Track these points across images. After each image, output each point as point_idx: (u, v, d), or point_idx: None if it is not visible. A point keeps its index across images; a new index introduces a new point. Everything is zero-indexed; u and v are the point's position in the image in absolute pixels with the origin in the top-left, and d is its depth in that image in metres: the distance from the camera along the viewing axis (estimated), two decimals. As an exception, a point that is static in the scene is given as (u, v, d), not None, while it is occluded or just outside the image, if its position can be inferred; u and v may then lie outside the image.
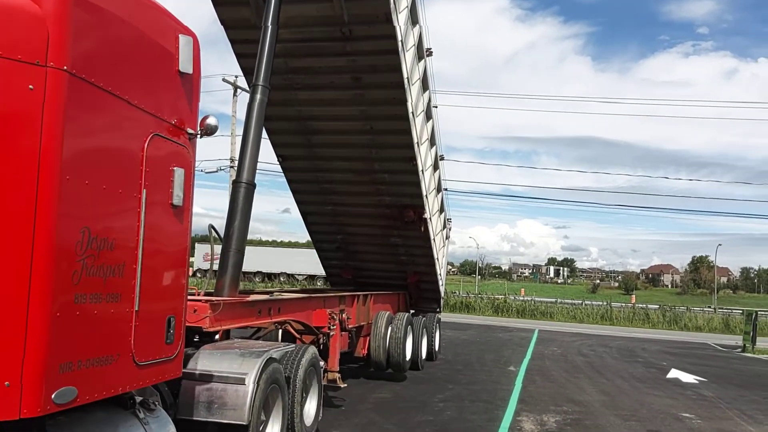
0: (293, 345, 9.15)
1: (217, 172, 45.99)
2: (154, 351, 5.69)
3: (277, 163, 16.38)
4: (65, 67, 4.55)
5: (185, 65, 6.07)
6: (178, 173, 5.98)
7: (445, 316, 40.10)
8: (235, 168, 10.46)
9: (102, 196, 4.95)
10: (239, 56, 13.53)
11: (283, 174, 16.74)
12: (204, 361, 7.38)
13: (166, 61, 5.90)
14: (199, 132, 6.41)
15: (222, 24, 12.89)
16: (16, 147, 4.36)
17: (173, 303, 6.04)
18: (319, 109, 14.55)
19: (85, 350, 4.77)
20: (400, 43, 12.55)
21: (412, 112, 14.13)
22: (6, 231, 4.31)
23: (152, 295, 5.60)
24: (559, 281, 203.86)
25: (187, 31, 6.19)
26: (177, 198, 5.95)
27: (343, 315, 12.68)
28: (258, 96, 10.26)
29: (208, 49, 12.96)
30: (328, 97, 14.16)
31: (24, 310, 4.29)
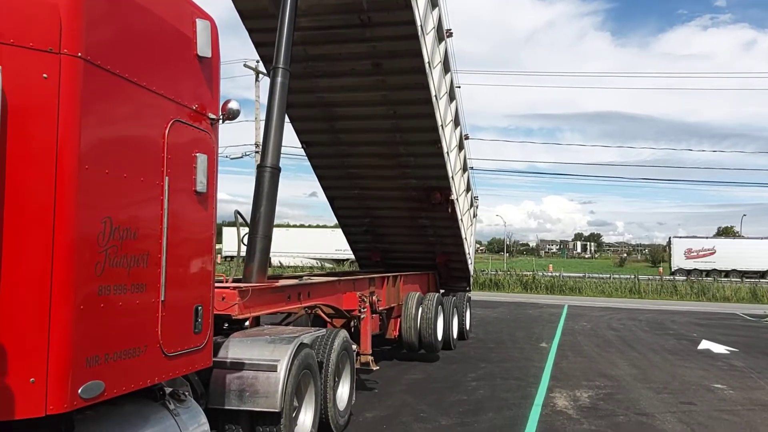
0: (324, 329, 9.05)
1: (242, 157, 46.04)
2: (183, 341, 5.58)
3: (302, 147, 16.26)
4: (80, 54, 4.42)
5: (203, 49, 5.92)
6: (201, 159, 5.85)
7: (475, 295, 39.92)
8: (260, 153, 10.32)
9: (123, 185, 4.83)
10: (258, 45, 13.46)
11: (307, 159, 16.59)
12: (234, 349, 7.30)
13: (184, 46, 5.75)
14: (221, 117, 6.28)
15: (239, 14, 12.79)
16: (32, 138, 4.25)
17: (200, 291, 5.93)
18: (341, 96, 14.43)
19: (112, 343, 4.67)
20: (419, 28, 12.40)
21: (435, 96, 13.98)
22: (26, 224, 4.20)
23: (178, 284, 5.49)
24: (587, 256, 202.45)
25: (204, 15, 6.04)
26: (201, 184, 5.82)
27: (374, 297, 12.59)
28: (279, 79, 10.10)
29: (228, 35, 12.76)
30: (350, 84, 14.02)
31: (47, 304, 4.19)
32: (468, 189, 19.25)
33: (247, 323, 8.45)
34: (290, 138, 16.10)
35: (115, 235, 4.69)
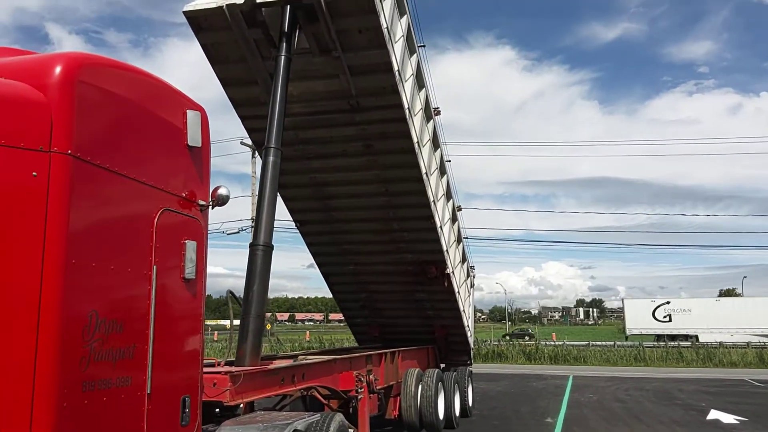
0: (319, 414, 8.85)
1: (238, 232, 46.09)
2: (170, 434, 5.46)
3: (297, 222, 16.27)
4: (69, 152, 4.50)
5: (194, 139, 6.00)
6: (190, 246, 5.84)
7: (477, 367, 39.44)
8: (252, 231, 10.31)
9: (110, 277, 4.81)
10: (250, 131, 13.70)
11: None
12: (226, 438, 7.12)
13: (175, 137, 5.83)
14: (211, 203, 6.28)
15: (232, 102, 12.95)
16: (19, 234, 4.26)
17: (188, 381, 5.84)
18: (333, 176, 14.55)
19: (97, 439, 4.56)
20: (407, 111, 12.61)
21: (426, 173, 14.13)
22: (9, 320, 4.16)
23: (165, 376, 5.42)
24: (590, 322, 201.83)
25: (195, 106, 6.13)
26: (189, 271, 5.80)
27: (371, 376, 12.39)
28: (271, 158, 10.20)
29: (226, 113, 13.01)
30: (341, 164, 14.16)
31: (28, 403, 4.12)
32: (464, 260, 19.18)
33: (240, 409, 8.27)
34: (286, 211, 16.17)
35: (101, 328, 4.65)
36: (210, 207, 6.29)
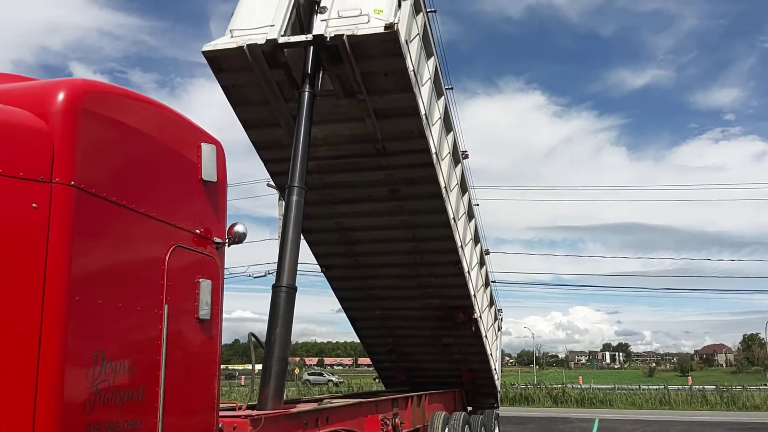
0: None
1: (265, 276, 45.88)
2: (182, 480, 5.21)
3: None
4: (72, 183, 4.30)
5: (209, 173, 5.80)
6: (205, 285, 5.63)
7: (505, 410, 38.91)
8: (276, 273, 10.07)
9: (118, 316, 4.60)
10: (273, 175, 13.36)
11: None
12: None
13: (188, 171, 5.63)
14: (227, 240, 6.08)
15: (254, 145, 12.66)
16: (18, 269, 4.05)
17: (202, 425, 5.61)
18: (358, 221, 14.29)
19: (103, 487, 4.32)
20: (434, 156, 12.30)
21: (453, 218, 13.87)
22: (8, 360, 3.95)
23: (178, 419, 5.18)
24: (616, 366, 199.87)
25: (211, 139, 5.94)
26: (204, 311, 5.57)
27: (397, 419, 12.10)
28: (294, 197, 9.93)
29: (252, 155, 12.81)
30: (367, 209, 13.89)
31: (29, 448, 3.88)
32: (491, 303, 18.92)
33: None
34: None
35: (107, 368, 4.45)
36: (226, 245, 6.09)
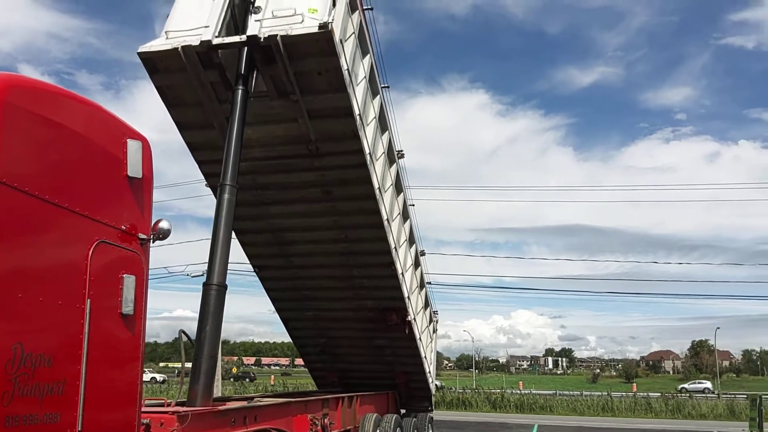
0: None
1: (203, 275, 45.54)
2: (101, 474, 5.28)
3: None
4: None
5: (134, 169, 5.87)
6: (129, 280, 5.70)
7: (442, 414, 39.27)
8: (206, 271, 10.11)
9: (38, 310, 4.66)
10: (207, 176, 13.25)
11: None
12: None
13: (113, 166, 5.70)
14: (152, 236, 6.15)
15: (188, 147, 12.68)
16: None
17: (124, 418, 5.66)
18: (291, 221, 14.38)
19: (19, 478, 4.38)
20: (368, 156, 12.41)
21: (387, 219, 13.97)
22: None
23: (99, 413, 5.23)
24: (559, 372, 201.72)
25: (137, 136, 6.01)
26: (127, 306, 5.64)
27: (326, 420, 12.21)
28: (226, 196, 10.00)
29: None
30: (300, 210, 13.98)
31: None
32: (426, 305, 19.05)
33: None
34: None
35: (26, 362, 4.50)
36: (151, 241, 6.17)
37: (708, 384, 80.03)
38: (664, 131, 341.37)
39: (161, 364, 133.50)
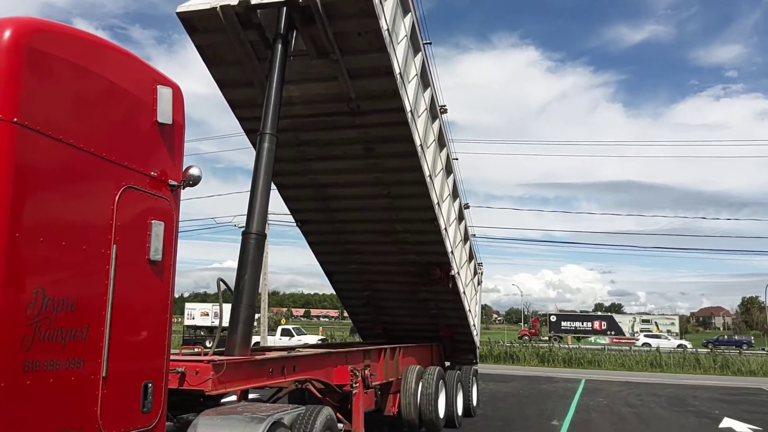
0: (304, 407, 8.61)
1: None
2: (128, 420, 5.26)
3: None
4: (15, 120, 4.29)
5: (164, 116, 5.78)
6: (157, 227, 5.63)
7: (489, 368, 39.32)
8: (246, 219, 10.05)
9: (61, 254, 4.60)
10: (248, 132, 13.19)
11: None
12: (202, 429, 6.90)
13: (142, 112, 5.61)
14: (182, 183, 6.07)
15: (229, 104, 12.70)
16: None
17: (151, 367, 5.62)
18: (333, 178, 14.33)
19: (41, 423, 4.37)
20: (409, 114, 12.23)
21: (430, 175, 13.84)
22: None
23: (124, 359, 5.19)
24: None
25: (167, 82, 5.92)
26: (155, 253, 5.58)
27: (367, 371, 12.15)
28: (266, 144, 9.91)
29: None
30: (342, 167, 13.92)
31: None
32: (471, 258, 18.92)
33: (234, 397, 8.05)
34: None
35: (48, 306, 4.45)
36: (181, 187, 6.08)
37: (683, 342, 76.10)
38: (714, 88, 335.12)
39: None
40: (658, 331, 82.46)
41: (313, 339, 47.60)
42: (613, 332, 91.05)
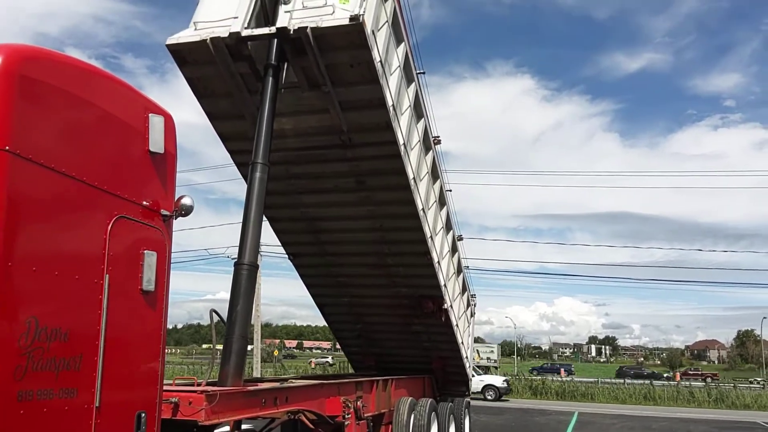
0: (297, 438, 8.60)
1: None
2: (121, 450, 5.22)
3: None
4: (7, 148, 4.29)
5: (156, 145, 5.80)
6: (150, 257, 5.63)
7: (481, 400, 39.14)
8: (238, 250, 10.06)
9: (54, 284, 4.60)
10: (239, 165, 13.05)
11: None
12: (195, 459, 6.89)
13: (134, 141, 5.62)
14: (174, 213, 6.09)
15: (220, 137, 12.63)
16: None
17: (144, 397, 5.60)
18: (325, 211, 14.28)
19: (33, 453, 4.34)
20: (402, 147, 12.15)
21: (423, 209, 13.78)
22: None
23: (118, 389, 5.17)
24: (602, 360, 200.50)
25: (159, 111, 5.94)
26: (148, 283, 5.58)
27: (359, 402, 12.11)
28: (258, 174, 9.91)
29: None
30: (334, 200, 13.88)
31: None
32: (464, 290, 18.92)
33: (225, 429, 8.02)
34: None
35: (41, 336, 4.44)
36: (173, 217, 6.10)
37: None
38: (712, 118, 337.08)
39: (204, 346, 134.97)
40: (479, 359, 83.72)
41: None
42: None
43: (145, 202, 5.66)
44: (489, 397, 41.26)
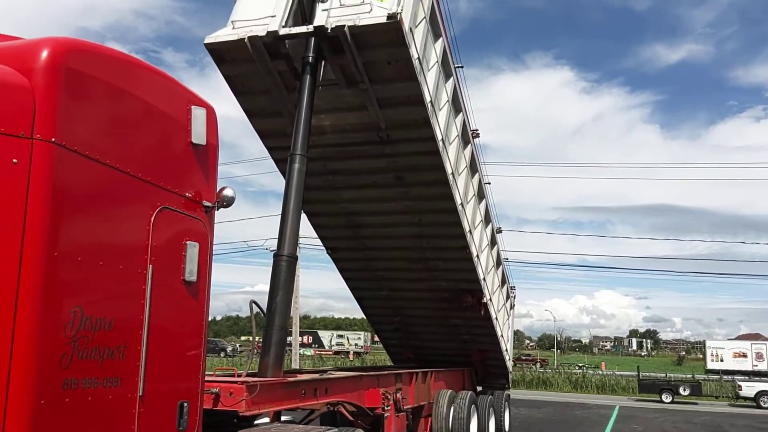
0: (336, 429, 8.61)
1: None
2: (164, 439, 5.28)
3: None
4: (53, 139, 4.33)
5: (198, 137, 5.83)
6: (192, 247, 5.67)
7: (521, 393, 38.99)
8: (277, 241, 10.09)
9: (99, 274, 4.65)
10: (277, 162, 13.20)
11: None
12: (235, 449, 6.95)
13: (177, 133, 5.67)
14: (216, 204, 6.13)
15: (258, 134, 12.75)
16: (-2, 222, 4.10)
17: (186, 386, 5.65)
18: (363, 206, 14.34)
19: (79, 440, 4.40)
20: (440, 143, 12.15)
21: (461, 203, 13.78)
22: (-16, 311, 4.01)
23: (160, 379, 5.22)
24: (643, 353, 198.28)
25: (201, 103, 5.98)
26: (190, 274, 5.62)
27: (398, 395, 12.14)
28: (296, 165, 9.93)
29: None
30: (372, 195, 13.92)
31: (2, 397, 3.96)
32: (503, 283, 18.88)
33: (267, 419, 8.07)
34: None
35: (86, 325, 4.49)
36: (215, 208, 6.15)
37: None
38: (754, 109, 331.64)
39: (242, 338, 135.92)
40: (348, 346, 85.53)
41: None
42: (317, 345, 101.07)
43: (187, 194, 5.71)
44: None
